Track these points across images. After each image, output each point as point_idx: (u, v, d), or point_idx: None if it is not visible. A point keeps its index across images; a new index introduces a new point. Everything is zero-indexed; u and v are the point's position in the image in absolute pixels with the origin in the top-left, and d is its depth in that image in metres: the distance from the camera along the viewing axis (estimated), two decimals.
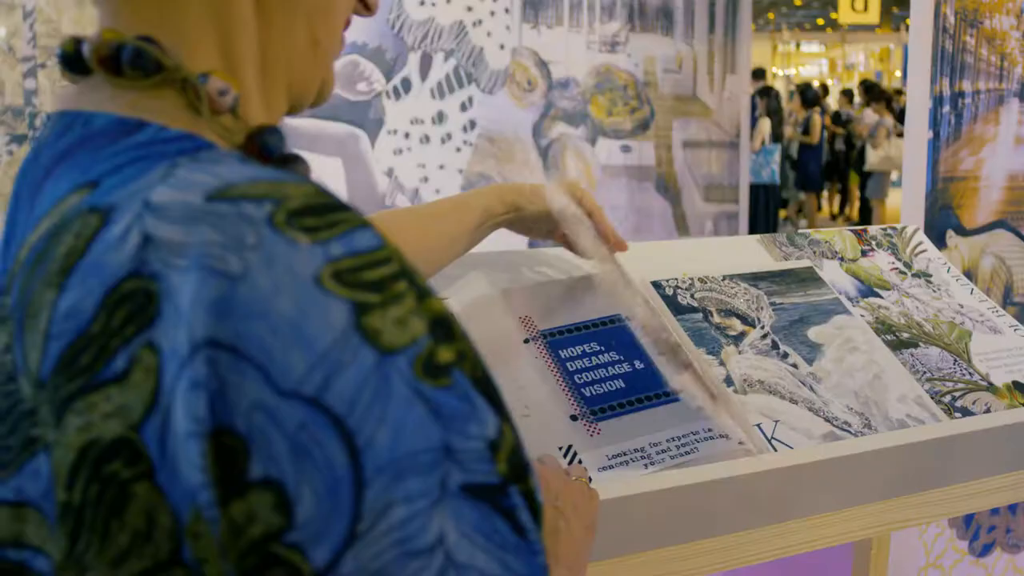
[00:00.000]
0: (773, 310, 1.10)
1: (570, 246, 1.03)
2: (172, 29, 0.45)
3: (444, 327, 0.37)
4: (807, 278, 1.18)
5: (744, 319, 1.08)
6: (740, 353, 1.03)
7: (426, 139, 2.80)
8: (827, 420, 0.96)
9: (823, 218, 9.73)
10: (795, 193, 9.04)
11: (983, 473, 1.04)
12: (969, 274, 2.06)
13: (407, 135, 2.76)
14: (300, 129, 2.58)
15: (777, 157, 7.35)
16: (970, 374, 1.12)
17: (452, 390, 0.36)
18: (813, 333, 1.08)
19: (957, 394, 1.08)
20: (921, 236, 1.35)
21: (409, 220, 0.96)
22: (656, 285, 1.13)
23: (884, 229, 1.36)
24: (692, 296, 1.10)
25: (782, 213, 9.11)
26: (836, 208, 10.04)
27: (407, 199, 2.78)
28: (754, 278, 1.15)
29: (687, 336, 1.04)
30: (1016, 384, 1.13)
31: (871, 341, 1.09)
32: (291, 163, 0.47)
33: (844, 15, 14.78)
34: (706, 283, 1.12)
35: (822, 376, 1.02)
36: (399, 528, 0.34)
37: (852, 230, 1.34)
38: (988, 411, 1.07)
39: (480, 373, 0.38)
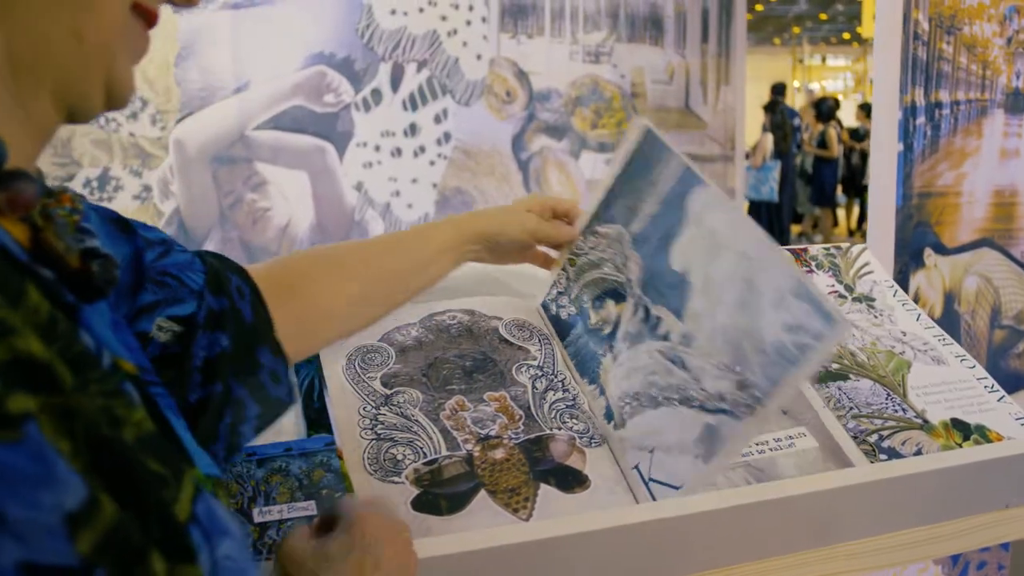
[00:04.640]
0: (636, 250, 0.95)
1: (542, 264, 1.06)
2: None
3: (27, 374, 0.31)
4: None
5: (616, 294, 0.96)
6: (615, 360, 0.92)
7: (398, 152, 2.72)
8: (702, 408, 0.82)
9: (840, 234, 9.56)
10: (810, 208, 8.88)
11: (909, 523, 0.93)
12: (951, 295, 1.94)
13: (377, 148, 2.68)
14: (261, 141, 2.50)
15: (776, 174, 7.22)
16: (903, 410, 1.01)
17: (20, 447, 0.30)
18: (677, 252, 0.90)
19: (885, 433, 0.98)
20: (868, 256, 1.24)
21: (352, 254, 0.89)
22: (546, 308, 1.04)
23: (827, 249, 1.26)
24: (571, 300, 1.01)
25: (796, 228, 8.96)
26: (854, 223, 9.87)
27: (378, 214, 2.70)
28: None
29: (573, 366, 0.95)
30: (955, 421, 1.01)
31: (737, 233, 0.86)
32: (10, 181, 0.41)
33: (868, 29, 14.63)
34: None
35: (693, 329, 0.86)
36: None
37: (792, 249, 1.24)
38: (919, 453, 0.96)
39: (91, 440, 0.32)
